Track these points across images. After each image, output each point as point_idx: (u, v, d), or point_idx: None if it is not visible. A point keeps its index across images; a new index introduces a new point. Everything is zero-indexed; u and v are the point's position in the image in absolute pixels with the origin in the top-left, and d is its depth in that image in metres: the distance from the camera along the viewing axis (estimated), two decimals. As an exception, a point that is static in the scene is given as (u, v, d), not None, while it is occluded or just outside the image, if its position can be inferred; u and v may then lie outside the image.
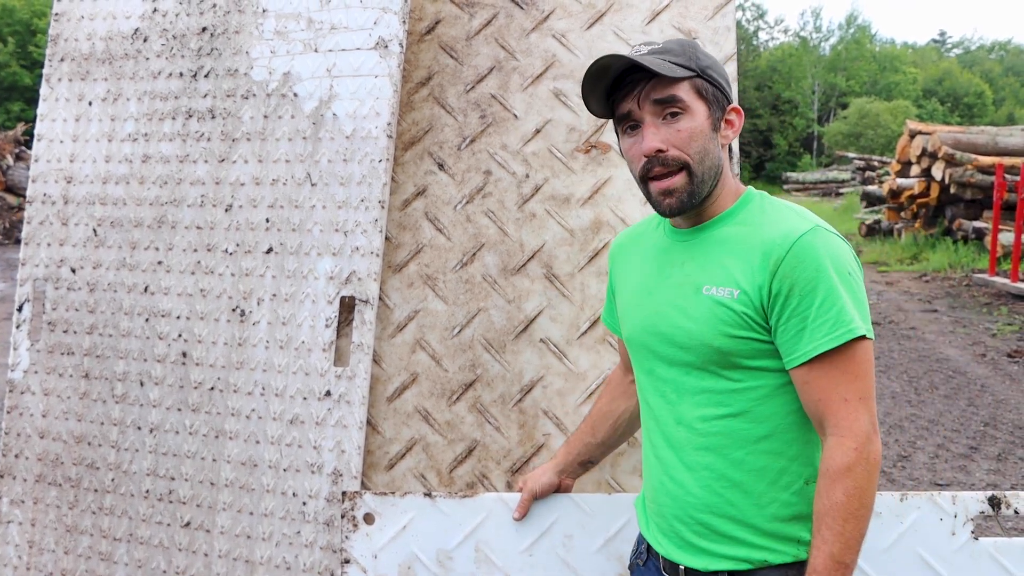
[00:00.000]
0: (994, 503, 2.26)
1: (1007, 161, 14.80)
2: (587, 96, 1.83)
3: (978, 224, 15.73)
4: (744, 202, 1.82)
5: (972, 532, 2.24)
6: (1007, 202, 13.82)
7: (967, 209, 16.36)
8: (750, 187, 1.86)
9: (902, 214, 18.45)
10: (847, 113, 47.38)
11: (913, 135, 17.33)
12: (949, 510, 2.24)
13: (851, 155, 31.43)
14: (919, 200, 17.19)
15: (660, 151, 1.73)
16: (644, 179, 1.78)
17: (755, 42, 64.14)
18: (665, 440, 1.85)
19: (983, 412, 7.19)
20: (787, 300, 1.67)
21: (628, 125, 1.80)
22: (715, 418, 1.76)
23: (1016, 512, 2.25)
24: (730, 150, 1.86)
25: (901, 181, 17.97)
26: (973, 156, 15.60)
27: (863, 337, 1.66)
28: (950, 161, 15.69)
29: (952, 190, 15.93)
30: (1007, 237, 13.72)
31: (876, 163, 26.99)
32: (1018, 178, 13.07)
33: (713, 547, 1.78)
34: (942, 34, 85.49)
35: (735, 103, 1.86)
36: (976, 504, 2.25)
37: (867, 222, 20.09)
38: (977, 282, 13.49)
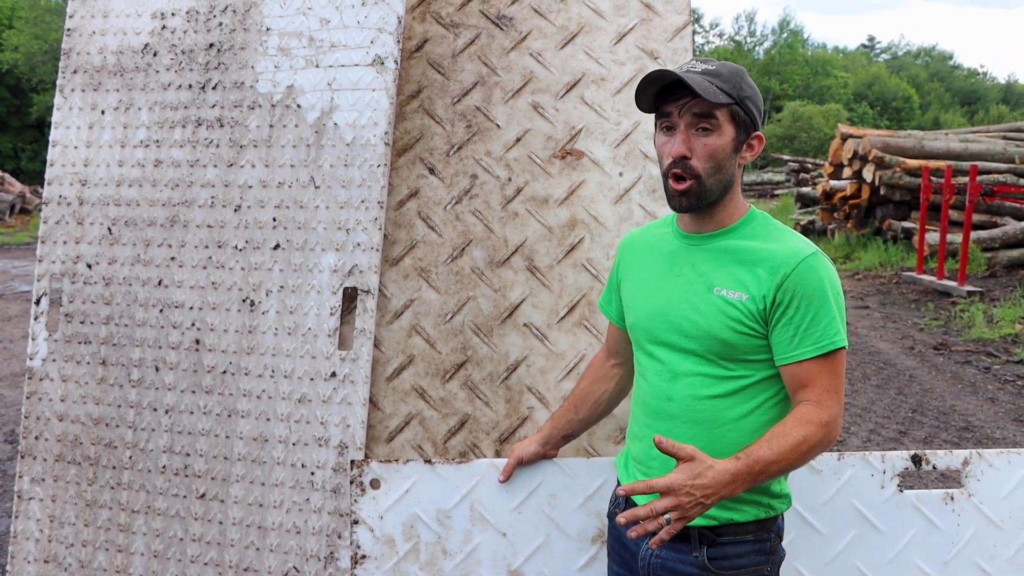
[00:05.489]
0: (916, 460, 2.62)
1: (933, 164, 15.33)
2: (639, 95, 2.08)
3: (906, 224, 16.26)
4: (749, 219, 2.13)
5: (898, 486, 2.60)
6: (933, 203, 14.35)
7: (896, 210, 16.87)
8: (752, 206, 2.16)
9: (835, 215, 18.87)
10: (781, 116, 48.30)
11: (845, 138, 17.76)
12: (879, 467, 2.60)
13: (785, 157, 31.99)
14: (851, 201, 17.64)
15: (685, 157, 2.03)
16: (666, 175, 2.08)
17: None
18: (658, 413, 2.15)
19: (911, 400, 7.64)
20: (786, 309, 2.01)
21: (665, 125, 2.08)
22: (705, 398, 2.08)
23: (934, 468, 2.62)
24: (742, 170, 2.15)
25: (834, 183, 18.37)
26: (901, 159, 16.11)
27: (843, 348, 2.02)
28: (880, 164, 16.18)
29: (882, 192, 16.40)
30: (933, 237, 14.29)
31: (810, 165, 27.48)
32: (943, 180, 13.62)
33: None
34: (871, 39, 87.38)
35: (760, 131, 2.14)
36: (901, 462, 2.61)
37: (802, 223, 20.50)
38: (906, 280, 14.00)
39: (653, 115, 2.13)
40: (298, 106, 3.05)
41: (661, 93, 2.07)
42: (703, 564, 2.07)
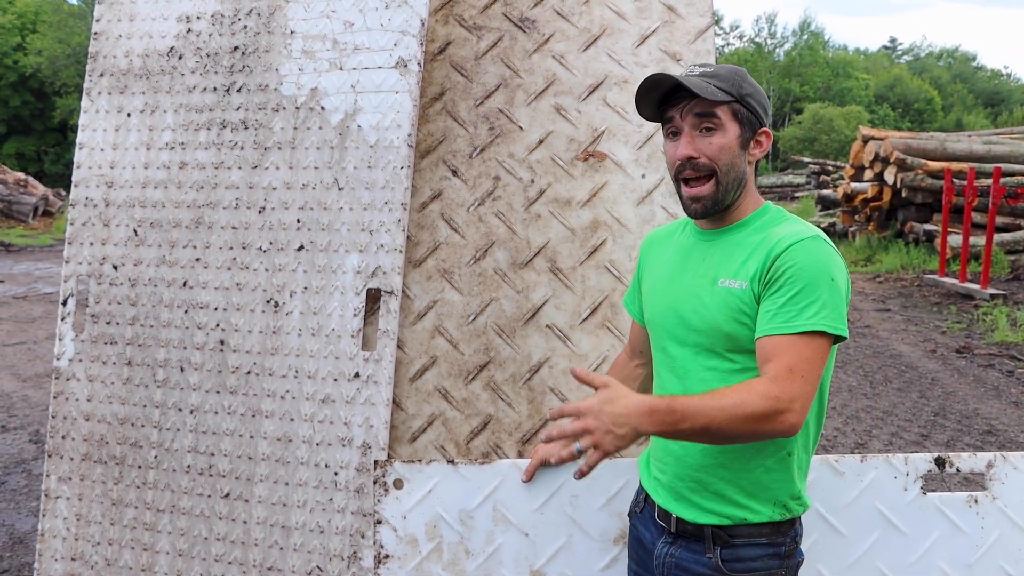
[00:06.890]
0: (940, 463, 2.61)
1: (955, 166, 15.21)
2: (639, 103, 2.10)
3: (928, 227, 16.16)
4: (762, 213, 2.12)
5: (921, 488, 2.59)
6: (955, 206, 14.26)
7: (918, 212, 16.76)
8: (768, 202, 2.16)
9: (856, 217, 18.77)
10: (802, 118, 48.05)
11: (866, 140, 17.68)
12: (902, 469, 2.59)
13: (806, 159, 31.85)
14: (872, 203, 17.54)
15: (692, 157, 2.04)
16: (677, 179, 2.09)
17: (711, 48, 64.64)
18: None
19: (933, 403, 7.59)
20: (770, 286, 1.98)
21: (670, 131, 2.09)
22: None
23: (958, 470, 2.60)
24: (756, 167, 2.15)
25: (855, 185, 18.27)
26: (923, 161, 16.01)
27: (823, 333, 1.92)
28: (902, 166, 16.09)
29: (904, 194, 16.30)
30: (956, 239, 14.19)
31: (831, 167, 27.35)
32: (965, 182, 13.54)
33: (703, 502, 2.10)
34: (892, 41, 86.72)
35: (767, 127, 2.13)
36: (925, 464, 2.60)
37: (822, 225, 20.40)
38: (928, 282, 13.92)
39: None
40: (322, 108, 3.07)
41: (663, 101, 2.09)
42: (716, 565, 2.07)
